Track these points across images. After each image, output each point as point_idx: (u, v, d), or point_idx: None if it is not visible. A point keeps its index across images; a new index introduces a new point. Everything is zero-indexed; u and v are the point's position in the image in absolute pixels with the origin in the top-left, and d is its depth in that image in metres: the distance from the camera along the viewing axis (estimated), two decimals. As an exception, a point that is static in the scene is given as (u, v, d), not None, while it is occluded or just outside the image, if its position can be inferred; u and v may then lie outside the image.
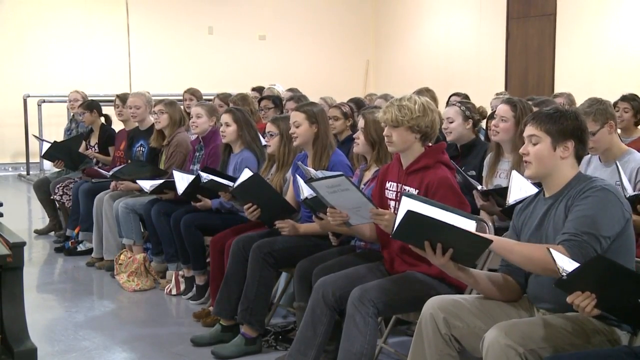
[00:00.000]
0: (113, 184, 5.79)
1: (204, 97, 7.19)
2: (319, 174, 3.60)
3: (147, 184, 5.13)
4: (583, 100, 3.85)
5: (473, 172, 4.24)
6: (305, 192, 3.54)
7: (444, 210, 2.65)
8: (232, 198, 4.41)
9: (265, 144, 4.76)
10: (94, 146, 6.75)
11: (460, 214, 2.64)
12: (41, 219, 7.69)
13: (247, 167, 4.14)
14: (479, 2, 11.59)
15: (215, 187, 4.43)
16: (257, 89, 7.92)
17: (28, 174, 11.37)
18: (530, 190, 3.20)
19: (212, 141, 5.17)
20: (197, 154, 5.29)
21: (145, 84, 10.42)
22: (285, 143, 4.35)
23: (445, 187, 3.22)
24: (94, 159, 6.64)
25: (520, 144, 3.45)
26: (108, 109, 6.97)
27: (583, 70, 9.72)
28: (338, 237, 3.78)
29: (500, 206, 3.61)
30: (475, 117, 4.51)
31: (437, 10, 12.60)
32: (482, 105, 5.50)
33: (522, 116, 3.86)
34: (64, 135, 7.60)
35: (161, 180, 5.15)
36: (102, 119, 6.85)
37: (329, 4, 13.85)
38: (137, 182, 5.32)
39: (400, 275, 3.29)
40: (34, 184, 7.27)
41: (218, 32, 13.16)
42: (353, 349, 3.10)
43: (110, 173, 5.73)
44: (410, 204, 2.69)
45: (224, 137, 4.83)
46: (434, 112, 3.35)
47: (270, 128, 4.42)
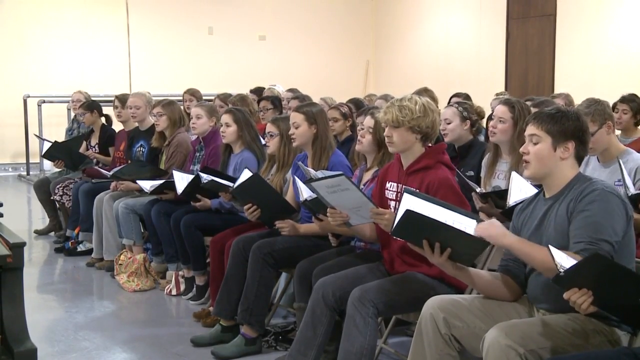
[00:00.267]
0: (113, 184, 5.78)
1: (204, 97, 7.17)
2: (319, 174, 3.60)
3: (147, 184, 5.13)
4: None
5: (471, 173, 4.23)
6: (304, 193, 3.54)
7: (445, 209, 2.65)
8: (232, 198, 4.41)
9: (264, 144, 4.76)
10: (94, 146, 6.75)
11: (462, 213, 2.64)
12: (41, 219, 7.69)
13: (247, 168, 4.13)
14: (479, 2, 11.59)
15: (216, 187, 4.43)
16: (255, 91, 7.81)
17: (28, 174, 11.36)
18: (530, 192, 3.19)
19: (212, 141, 5.18)
20: (198, 154, 5.30)
21: (145, 84, 10.41)
22: (285, 143, 4.35)
23: (445, 188, 3.22)
24: (94, 160, 6.64)
25: (518, 144, 3.46)
26: (108, 109, 6.96)
27: (583, 71, 9.72)
28: (338, 237, 3.78)
29: (499, 208, 3.61)
30: (472, 117, 4.49)
31: (437, 11, 12.60)
32: (480, 106, 5.49)
33: (520, 117, 3.85)
34: (65, 136, 7.60)
35: (161, 181, 5.15)
36: (103, 120, 6.85)
37: (328, 4, 13.85)
38: (137, 183, 5.32)
39: (400, 275, 3.29)
40: (34, 184, 7.27)
41: (218, 32, 13.15)
42: (353, 349, 3.10)
43: (110, 173, 5.73)
44: (411, 201, 2.69)
45: (224, 137, 4.83)
46: (435, 112, 3.36)
47: (270, 128, 4.42)
